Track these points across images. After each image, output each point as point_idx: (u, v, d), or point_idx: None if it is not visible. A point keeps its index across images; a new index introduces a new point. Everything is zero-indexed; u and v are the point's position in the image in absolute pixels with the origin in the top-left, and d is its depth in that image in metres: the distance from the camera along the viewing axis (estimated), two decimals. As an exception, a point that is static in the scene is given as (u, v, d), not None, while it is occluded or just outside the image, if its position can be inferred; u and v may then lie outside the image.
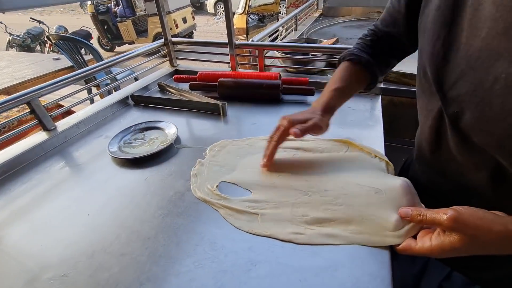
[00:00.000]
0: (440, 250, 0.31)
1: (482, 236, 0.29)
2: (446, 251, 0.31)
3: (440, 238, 0.32)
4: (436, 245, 0.31)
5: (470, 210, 0.31)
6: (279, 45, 0.89)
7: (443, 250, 0.31)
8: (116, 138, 0.63)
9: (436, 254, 0.32)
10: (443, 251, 0.31)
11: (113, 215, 0.45)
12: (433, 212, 0.33)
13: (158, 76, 0.96)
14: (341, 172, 0.48)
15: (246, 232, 0.40)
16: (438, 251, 0.31)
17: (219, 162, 0.55)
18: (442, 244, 0.31)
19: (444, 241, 0.31)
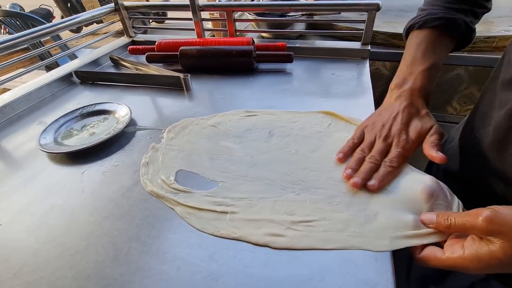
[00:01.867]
0: (475, 260, 0.23)
1: None
2: (484, 263, 0.23)
3: (475, 245, 0.23)
4: (470, 254, 0.23)
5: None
6: (249, 4, 0.76)
7: (480, 261, 0.23)
8: (54, 125, 0.50)
9: (471, 266, 0.23)
10: (480, 263, 0.23)
11: (32, 223, 0.34)
12: (464, 215, 0.24)
13: (111, 48, 0.81)
14: (332, 161, 0.38)
15: (208, 236, 0.31)
16: (473, 262, 0.23)
17: (177, 147, 0.44)
18: (477, 253, 0.23)
19: (481, 249, 0.23)
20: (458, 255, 0.24)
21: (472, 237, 0.24)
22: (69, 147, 0.45)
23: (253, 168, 0.39)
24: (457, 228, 0.25)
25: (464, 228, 0.24)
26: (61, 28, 0.69)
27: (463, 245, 0.24)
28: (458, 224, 0.24)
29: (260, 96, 0.58)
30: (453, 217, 0.25)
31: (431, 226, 0.27)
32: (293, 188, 0.35)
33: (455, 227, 0.25)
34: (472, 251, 0.23)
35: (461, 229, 0.25)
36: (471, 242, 0.24)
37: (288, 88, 0.60)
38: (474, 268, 0.23)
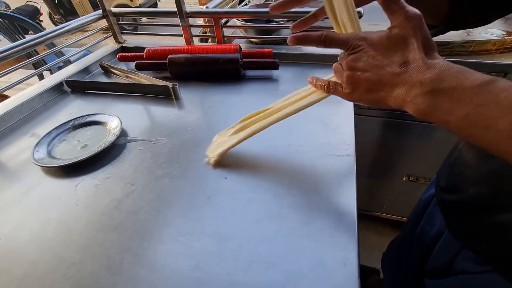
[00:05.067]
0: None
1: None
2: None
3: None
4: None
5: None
6: (235, 11, 0.77)
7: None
8: (47, 138, 0.52)
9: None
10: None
11: (30, 236, 0.37)
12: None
13: (102, 55, 0.82)
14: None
15: (193, 245, 0.34)
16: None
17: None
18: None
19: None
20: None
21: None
22: (62, 161, 0.47)
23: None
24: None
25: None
26: (53, 37, 0.70)
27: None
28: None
29: (247, 103, 0.60)
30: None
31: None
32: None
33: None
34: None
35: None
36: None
37: (274, 95, 0.62)
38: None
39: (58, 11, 5.19)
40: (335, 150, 0.46)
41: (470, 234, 0.37)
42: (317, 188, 0.40)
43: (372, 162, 1.07)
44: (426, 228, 0.48)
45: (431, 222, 0.47)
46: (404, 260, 0.58)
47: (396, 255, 0.66)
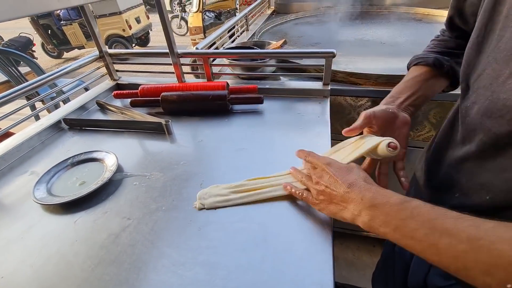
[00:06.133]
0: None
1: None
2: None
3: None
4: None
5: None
6: (222, 52, 0.85)
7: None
8: (46, 176, 0.55)
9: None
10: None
11: (31, 273, 0.39)
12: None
13: (98, 92, 0.87)
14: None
15: (186, 275, 0.37)
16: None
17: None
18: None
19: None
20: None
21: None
22: (62, 198, 0.50)
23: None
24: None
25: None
26: (54, 78, 0.75)
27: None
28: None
29: (235, 136, 0.66)
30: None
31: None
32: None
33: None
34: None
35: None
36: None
37: (259, 129, 0.68)
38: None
39: (51, 42, 5.32)
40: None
41: None
42: (298, 215, 0.44)
43: (356, 183, 1.12)
44: None
45: None
46: (390, 277, 0.61)
47: (382, 272, 0.70)
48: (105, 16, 4.90)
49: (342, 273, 1.30)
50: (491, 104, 0.30)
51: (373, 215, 0.32)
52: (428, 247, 0.27)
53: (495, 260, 0.23)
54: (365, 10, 1.74)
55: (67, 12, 5.05)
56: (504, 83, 0.28)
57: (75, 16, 5.08)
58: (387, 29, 1.36)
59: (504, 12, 0.30)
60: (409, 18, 1.55)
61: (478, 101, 0.32)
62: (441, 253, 0.26)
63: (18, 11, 0.38)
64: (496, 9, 0.31)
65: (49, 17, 5.08)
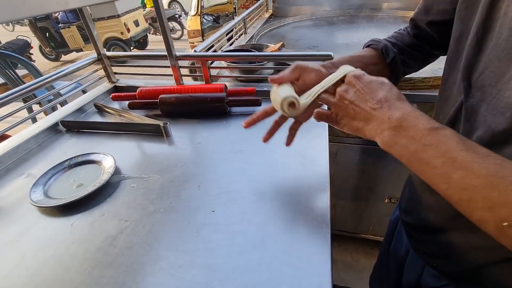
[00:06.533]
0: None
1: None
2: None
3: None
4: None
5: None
6: (221, 54, 0.86)
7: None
8: (43, 178, 0.55)
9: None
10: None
11: (27, 276, 0.39)
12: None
13: (96, 94, 0.87)
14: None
15: (185, 277, 0.37)
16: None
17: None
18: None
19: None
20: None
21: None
22: (59, 200, 0.50)
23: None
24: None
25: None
26: (52, 81, 0.75)
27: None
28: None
29: (233, 138, 0.66)
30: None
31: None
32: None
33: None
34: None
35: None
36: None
37: (257, 131, 0.68)
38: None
39: (48, 44, 5.32)
40: (311, 181, 0.51)
41: (428, 252, 0.41)
42: (296, 217, 0.44)
43: (355, 186, 1.13)
44: (397, 246, 0.53)
45: (400, 241, 0.52)
46: (385, 278, 0.61)
47: (378, 274, 0.70)
48: (104, 19, 4.91)
49: (341, 275, 1.29)
50: (496, 102, 0.30)
51: (396, 136, 0.31)
52: (440, 175, 0.27)
53: (505, 199, 0.22)
54: (362, 13, 1.76)
55: (65, 15, 5.05)
56: (510, 81, 0.28)
57: (73, 19, 5.09)
58: (384, 33, 1.37)
59: (502, 9, 0.30)
60: (405, 21, 1.56)
61: (486, 99, 0.31)
62: (451, 182, 0.26)
63: (16, 13, 0.38)
64: (495, 5, 0.31)
65: (47, 20, 5.08)
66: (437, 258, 0.40)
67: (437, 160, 0.27)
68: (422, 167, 0.29)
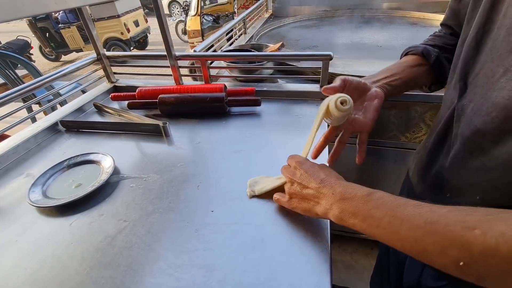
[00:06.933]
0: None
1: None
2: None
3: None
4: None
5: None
6: (220, 54, 0.85)
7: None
8: (42, 178, 0.55)
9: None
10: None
11: (26, 276, 0.39)
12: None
13: (95, 94, 0.87)
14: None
15: (183, 277, 0.37)
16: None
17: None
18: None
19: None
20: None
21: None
22: (57, 200, 0.50)
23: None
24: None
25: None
26: (51, 81, 0.75)
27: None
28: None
29: (232, 139, 0.66)
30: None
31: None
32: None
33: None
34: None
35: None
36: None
37: (257, 131, 0.68)
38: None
39: (48, 45, 5.32)
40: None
41: None
42: (295, 217, 0.44)
43: (354, 186, 1.13)
44: None
45: None
46: (385, 279, 0.61)
47: (378, 274, 0.70)
48: (104, 19, 4.91)
49: (340, 275, 1.29)
50: (483, 102, 0.30)
51: (343, 208, 0.34)
52: (392, 234, 0.29)
53: (448, 241, 0.24)
54: (362, 14, 1.76)
55: (65, 15, 5.05)
56: (497, 82, 0.29)
57: (73, 19, 5.09)
58: (384, 33, 1.38)
59: (502, 11, 0.30)
60: (405, 21, 1.57)
61: (474, 100, 0.32)
62: (403, 238, 0.28)
63: (15, 13, 0.38)
64: (495, 8, 0.31)
65: (47, 20, 5.08)
66: None
67: (383, 221, 0.30)
68: (374, 231, 0.31)
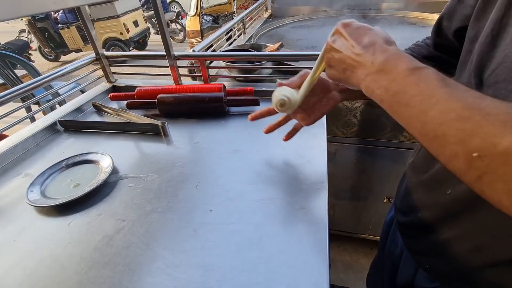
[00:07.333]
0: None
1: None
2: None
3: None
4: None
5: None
6: (219, 54, 0.85)
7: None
8: (40, 178, 0.55)
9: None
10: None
11: (23, 276, 0.38)
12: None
13: (94, 94, 0.87)
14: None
15: (181, 277, 0.37)
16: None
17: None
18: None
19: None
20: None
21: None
22: (56, 200, 0.50)
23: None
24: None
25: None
26: (50, 80, 0.75)
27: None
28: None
29: (231, 138, 0.66)
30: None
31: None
32: None
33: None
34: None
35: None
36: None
37: (256, 131, 0.68)
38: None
39: (48, 45, 5.31)
40: (309, 180, 0.51)
41: (423, 252, 0.41)
42: (293, 217, 0.44)
43: (354, 186, 1.13)
44: (392, 247, 0.53)
45: (394, 242, 0.52)
46: (380, 278, 0.61)
47: (372, 274, 0.70)
48: (103, 19, 4.90)
49: (340, 275, 1.29)
50: (508, 95, 0.29)
51: (377, 80, 0.30)
52: (418, 113, 0.26)
53: (478, 129, 0.21)
54: (361, 14, 1.76)
55: (64, 16, 5.05)
56: None
57: (72, 20, 5.08)
58: (383, 33, 1.37)
59: None
60: (404, 21, 1.57)
61: (499, 95, 0.30)
62: (427, 119, 0.25)
63: (13, 12, 0.38)
64: None
65: (47, 21, 5.07)
66: (431, 257, 0.40)
67: (415, 99, 0.26)
68: (400, 109, 0.28)
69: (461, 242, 0.35)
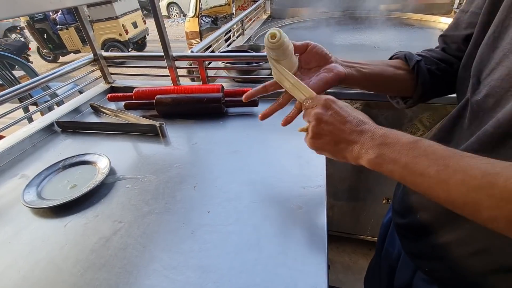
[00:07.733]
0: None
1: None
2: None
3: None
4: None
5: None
6: (218, 55, 0.85)
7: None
8: (37, 179, 0.54)
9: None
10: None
11: (19, 278, 0.38)
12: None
13: (92, 95, 0.87)
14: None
15: (178, 279, 0.36)
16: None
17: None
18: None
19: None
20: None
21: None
22: (52, 201, 0.49)
23: None
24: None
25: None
26: (48, 81, 0.75)
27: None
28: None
29: (229, 139, 0.65)
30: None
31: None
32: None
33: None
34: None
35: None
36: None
37: (254, 131, 0.68)
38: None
39: (46, 46, 5.30)
40: (308, 181, 0.51)
41: (421, 255, 0.41)
42: (292, 218, 0.44)
43: (352, 187, 1.13)
44: (389, 249, 0.53)
45: (392, 244, 0.52)
46: (377, 281, 0.61)
47: (370, 276, 0.69)
48: (102, 20, 4.89)
49: (339, 276, 1.29)
50: (507, 93, 0.29)
51: (382, 153, 0.31)
52: (438, 183, 0.27)
53: (508, 194, 0.23)
54: (359, 15, 1.76)
55: (63, 17, 5.04)
56: None
57: (71, 21, 5.07)
58: (381, 34, 1.38)
59: None
60: (402, 23, 1.57)
61: (495, 94, 0.31)
62: (451, 189, 0.26)
63: (10, 12, 0.38)
64: None
65: (45, 21, 5.06)
66: (430, 261, 0.40)
67: (430, 169, 0.27)
68: (416, 179, 0.29)
69: (462, 245, 0.35)
